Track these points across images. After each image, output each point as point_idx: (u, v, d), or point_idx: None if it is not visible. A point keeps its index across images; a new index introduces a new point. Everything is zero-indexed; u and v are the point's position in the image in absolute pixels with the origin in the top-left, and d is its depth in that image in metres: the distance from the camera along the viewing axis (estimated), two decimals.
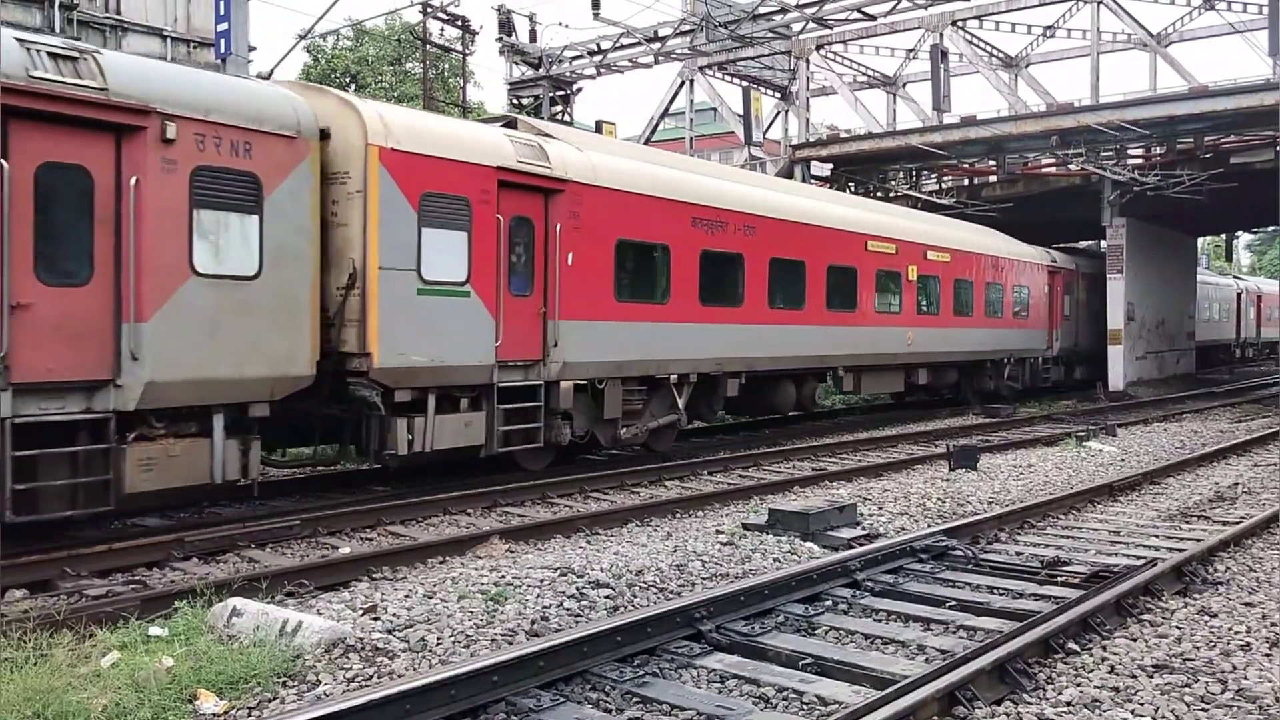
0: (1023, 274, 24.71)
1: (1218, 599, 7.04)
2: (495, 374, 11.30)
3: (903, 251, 19.36)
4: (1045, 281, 25.98)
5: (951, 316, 21.27)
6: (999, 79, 28.96)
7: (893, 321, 19.19)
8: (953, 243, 21.63)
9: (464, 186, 10.90)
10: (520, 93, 31.77)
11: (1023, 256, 24.97)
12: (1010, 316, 24.02)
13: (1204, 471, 13.52)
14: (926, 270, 20.25)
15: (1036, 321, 25.48)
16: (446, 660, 5.69)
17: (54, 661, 5.41)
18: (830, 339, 17.29)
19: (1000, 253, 23.78)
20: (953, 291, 21.29)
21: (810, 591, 7.02)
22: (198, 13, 22.40)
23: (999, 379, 23.94)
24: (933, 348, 20.61)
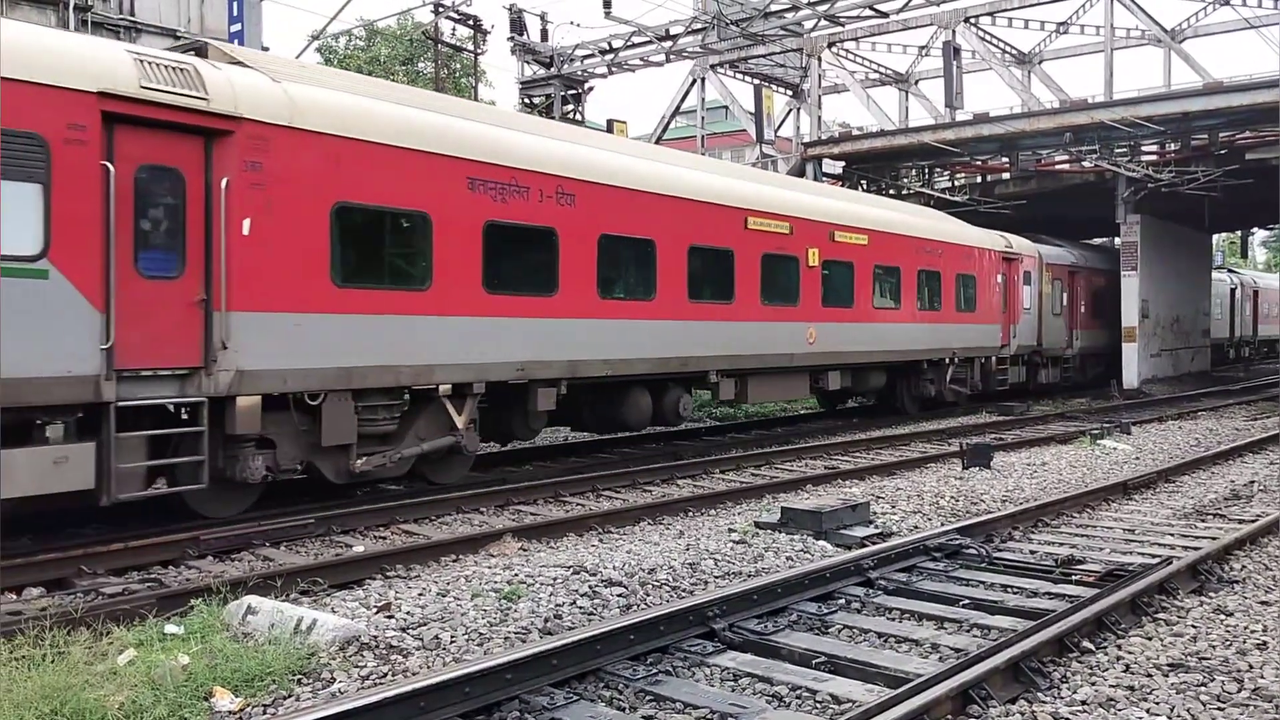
0: (969, 261, 21.59)
1: (1234, 598, 7.00)
2: (108, 389, 8.13)
3: (800, 232, 16.17)
4: (999, 270, 22.97)
5: (872, 310, 18.25)
6: (1012, 76, 28.84)
7: (787, 316, 16.01)
8: (872, 223, 18.50)
9: (33, 118, 7.72)
10: (532, 92, 31.82)
11: (968, 241, 21.90)
12: (953, 310, 20.91)
13: (1219, 469, 13.44)
14: (835, 254, 17.13)
15: (987, 315, 22.37)
16: (460, 658, 5.70)
17: (71, 659, 5.44)
18: (694, 336, 14.18)
19: (938, 235, 20.61)
20: (872, 280, 18.23)
21: (823, 590, 7.01)
22: (211, 13, 22.47)
23: (941, 382, 20.98)
24: (846, 346, 17.59)
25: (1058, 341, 26.63)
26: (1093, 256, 30.09)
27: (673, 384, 14.50)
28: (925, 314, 20.04)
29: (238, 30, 19.67)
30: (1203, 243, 36.98)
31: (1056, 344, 26.56)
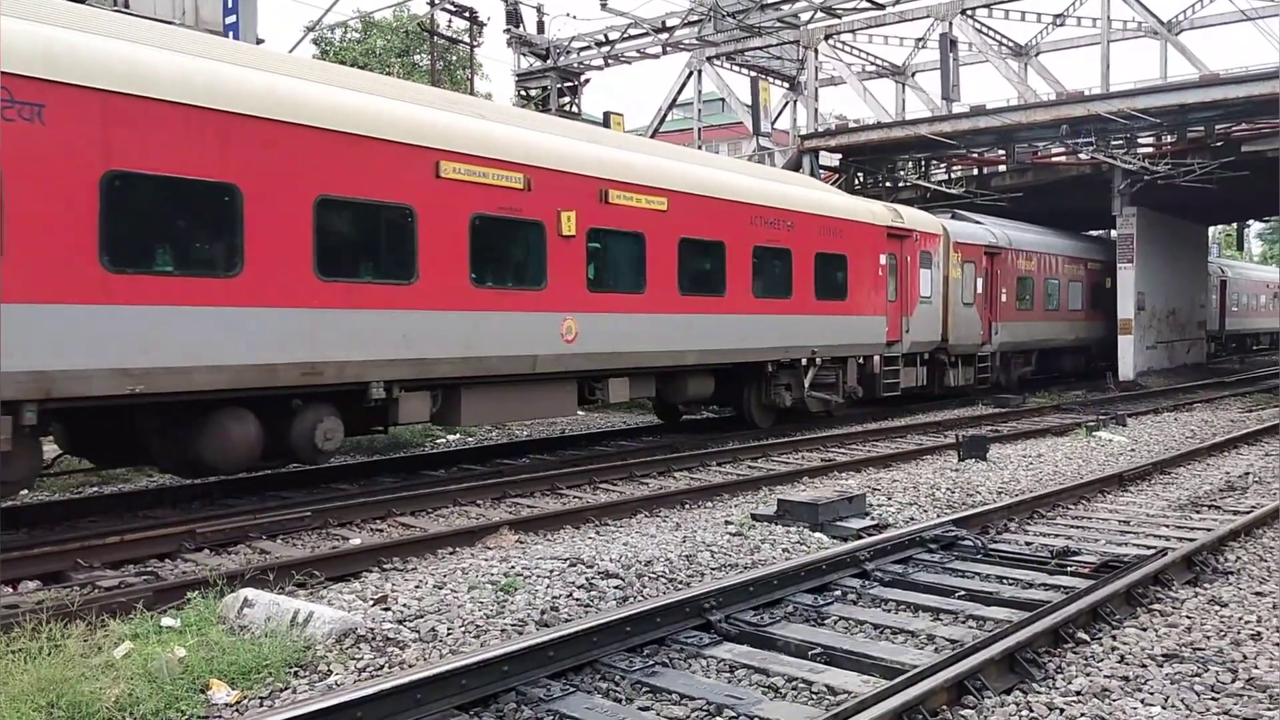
0: (835, 237, 17.50)
1: (1228, 588, 7.02)
2: None
3: (544, 188, 11.88)
4: (884, 249, 18.89)
5: (678, 297, 13.98)
6: (1008, 68, 28.83)
7: (523, 303, 11.80)
8: (676, 182, 14.02)
9: None
10: (528, 84, 31.78)
11: (832, 211, 17.70)
12: (810, 298, 16.82)
13: (1215, 461, 13.47)
14: (611, 222, 12.91)
15: (865, 305, 18.34)
16: (457, 650, 5.71)
17: (67, 652, 5.44)
18: (330, 332, 9.73)
19: (786, 203, 16.35)
20: (678, 258, 13.98)
21: (819, 582, 7.02)
22: (206, 5, 22.37)
23: (798, 388, 16.95)
24: (634, 345, 13.35)
25: (969, 336, 22.66)
26: (1028, 235, 26.40)
27: (304, 403, 9.94)
28: (766, 303, 15.77)
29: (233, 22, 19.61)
30: (1199, 235, 37.00)
31: (968, 339, 22.57)
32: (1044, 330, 26.76)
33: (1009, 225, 25.89)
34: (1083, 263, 29.26)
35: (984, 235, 23.71)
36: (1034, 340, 26.30)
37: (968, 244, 22.79)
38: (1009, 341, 24.75)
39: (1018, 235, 25.59)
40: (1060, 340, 27.99)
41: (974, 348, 23.06)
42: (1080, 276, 28.96)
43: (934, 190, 27.91)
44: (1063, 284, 27.66)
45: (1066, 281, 27.94)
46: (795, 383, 16.95)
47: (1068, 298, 28.03)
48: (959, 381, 22.64)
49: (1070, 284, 28.23)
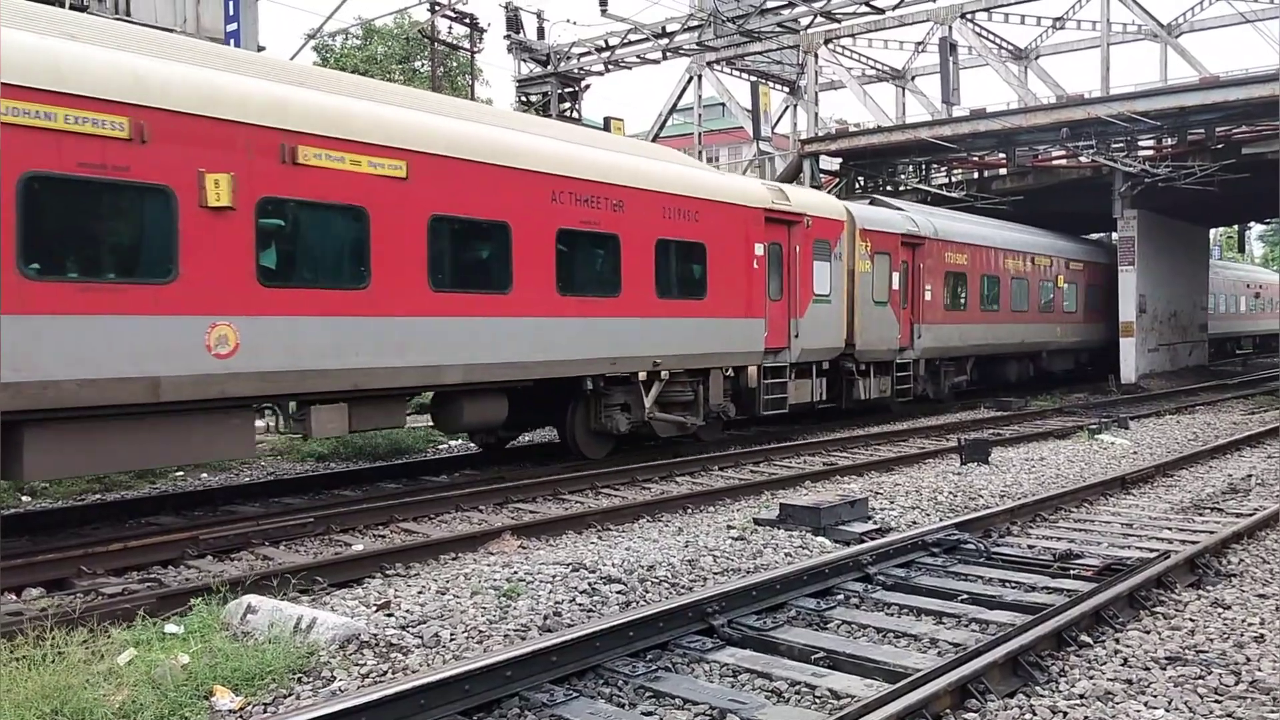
0: (689, 221, 14.09)
1: (1231, 591, 7.02)
2: None
3: (168, 138, 8.51)
4: (761, 237, 15.49)
5: (429, 293, 10.74)
6: (1008, 71, 28.86)
7: (131, 303, 8.36)
8: (423, 140, 10.69)
9: None
10: (528, 90, 31.83)
11: (685, 189, 14.12)
12: (649, 297, 13.49)
13: (1217, 464, 13.46)
14: (298, 191, 9.54)
15: (735, 305, 14.95)
16: (460, 656, 5.71)
17: (70, 659, 5.45)
18: None
19: (611, 176, 12.90)
20: (427, 242, 10.68)
21: (822, 586, 7.02)
22: (207, 12, 22.43)
23: (639, 408, 13.72)
24: (353, 360, 10.00)
25: (883, 340, 19.34)
26: (960, 225, 23.12)
27: None
28: (581, 302, 12.52)
29: (234, 30, 19.65)
30: (1200, 237, 37.00)
31: (881, 344, 19.26)
32: (981, 334, 23.10)
33: (939, 214, 23.02)
34: (1054, 260, 26.98)
35: (901, 223, 20.24)
36: (969, 345, 22.72)
37: (880, 232, 19.34)
38: (936, 347, 21.29)
39: (947, 225, 22.28)
40: (1006, 346, 24.53)
41: (890, 354, 19.67)
42: (1049, 275, 26.65)
43: (934, 194, 27.93)
44: (1008, 281, 24.35)
45: (1016, 279, 24.75)
46: (634, 402, 13.67)
47: (1016, 297, 24.74)
48: (871, 394, 19.08)
49: (1026, 282, 25.22)
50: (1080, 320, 28.70)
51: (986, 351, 23.88)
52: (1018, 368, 25.98)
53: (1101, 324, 29.57)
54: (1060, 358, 28.17)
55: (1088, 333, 29.26)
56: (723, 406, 15.30)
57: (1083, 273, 28.85)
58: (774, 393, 16.18)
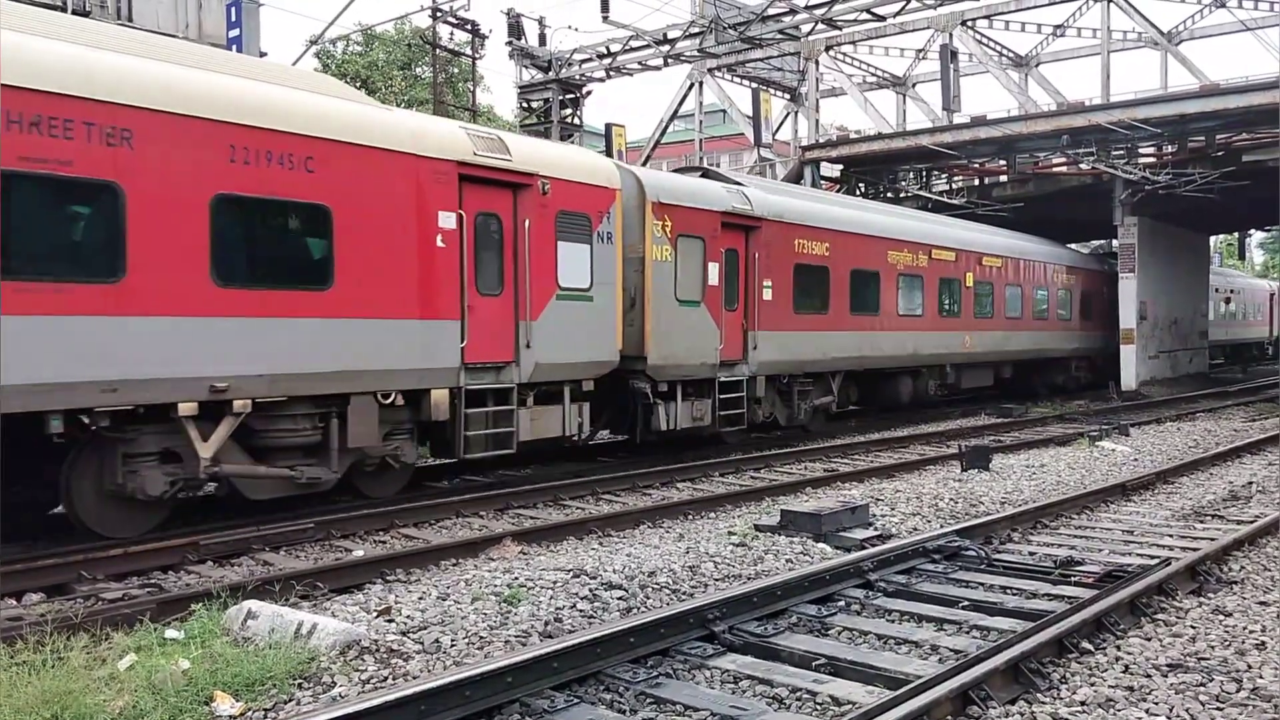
0: (291, 170, 9.59)
1: (1232, 598, 7.01)
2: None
3: None
4: (444, 203, 10.99)
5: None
6: (1009, 78, 28.88)
7: None
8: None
9: None
10: (530, 96, 31.87)
11: (285, 121, 9.54)
12: (204, 289, 9.02)
13: (1218, 470, 13.46)
14: None
15: (382, 300, 10.46)
16: (461, 662, 5.71)
17: (71, 664, 5.45)
18: None
19: (57, 85, 7.95)
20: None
21: (823, 592, 7.02)
22: (209, 18, 22.50)
23: (193, 459, 9.19)
24: None
25: (694, 353, 14.71)
26: (818, 206, 18.42)
27: None
28: (30, 291, 7.92)
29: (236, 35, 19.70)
30: (1200, 245, 37.02)
31: (691, 357, 14.66)
32: (851, 344, 18.37)
33: (790, 191, 19.06)
34: (967, 257, 22.48)
35: (720, 198, 15.23)
36: (833, 358, 17.85)
37: (686, 209, 14.51)
38: (781, 360, 16.42)
39: (799, 205, 17.36)
40: (891, 358, 19.72)
41: (707, 370, 14.92)
42: (957, 273, 22.05)
43: (935, 200, 27.96)
44: (892, 279, 19.69)
45: (906, 276, 20.14)
46: (187, 450, 9.13)
47: (905, 298, 20.15)
48: (678, 422, 14.44)
49: (919, 280, 20.68)
50: (1018, 327, 24.65)
51: (862, 365, 18.86)
52: (912, 384, 20.85)
53: (1065, 332, 27.21)
54: (974, 372, 23.35)
55: (1035, 341, 25.59)
56: (386, 449, 10.79)
57: (1028, 273, 25.24)
58: (492, 425, 11.68)
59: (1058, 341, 27.08)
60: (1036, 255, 26.20)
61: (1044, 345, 26.32)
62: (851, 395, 19.48)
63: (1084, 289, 28.49)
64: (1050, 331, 26.69)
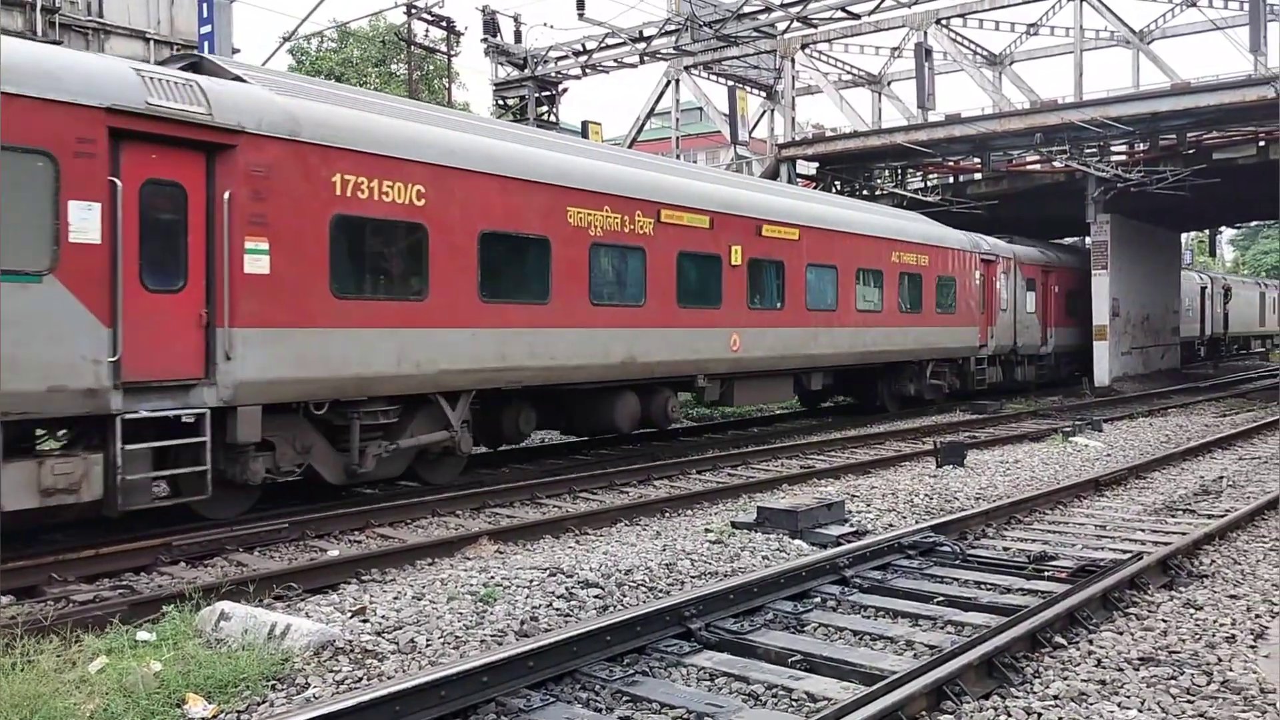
0: None
1: (1203, 592, 7.09)
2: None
3: None
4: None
5: None
6: (983, 77, 29.06)
7: None
8: None
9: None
10: (506, 93, 31.77)
11: None
12: None
13: (1189, 465, 13.59)
14: None
15: None
16: (436, 661, 5.69)
17: (41, 667, 5.38)
18: None
19: None
20: None
21: (799, 589, 7.03)
22: (181, 15, 22.29)
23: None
24: None
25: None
26: (407, 127, 11.31)
27: None
28: None
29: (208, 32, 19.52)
30: (1172, 241, 37.38)
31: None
32: (485, 348, 11.83)
33: (321, 90, 11.53)
34: (745, 227, 16.09)
35: (97, 82, 8.51)
36: (441, 370, 11.32)
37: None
38: (300, 379, 9.96)
39: (345, 116, 10.66)
40: (601, 367, 13.43)
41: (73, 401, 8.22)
42: (707, 247, 15.29)
43: (910, 198, 28.08)
44: (581, 246, 13.09)
45: (604, 246, 13.46)
46: None
47: (601, 279, 13.50)
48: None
49: (641, 253, 14.11)
50: (832, 322, 18.32)
51: (513, 379, 12.20)
52: (639, 404, 14.49)
53: (914, 328, 20.97)
54: (758, 384, 17.05)
55: (860, 341, 19.17)
56: None
57: (850, 251, 18.82)
58: None
59: (902, 340, 20.62)
60: (866, 227, 19.68)
61: (878, 346, 19.81)
62: (523, 423, 13.27)
63: (948, 274, 22.33)
64: (889, 328, 20.16)
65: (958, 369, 23.55)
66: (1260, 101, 21.39)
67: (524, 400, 13.21)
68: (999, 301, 25.10)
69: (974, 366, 24.02)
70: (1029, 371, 27.37)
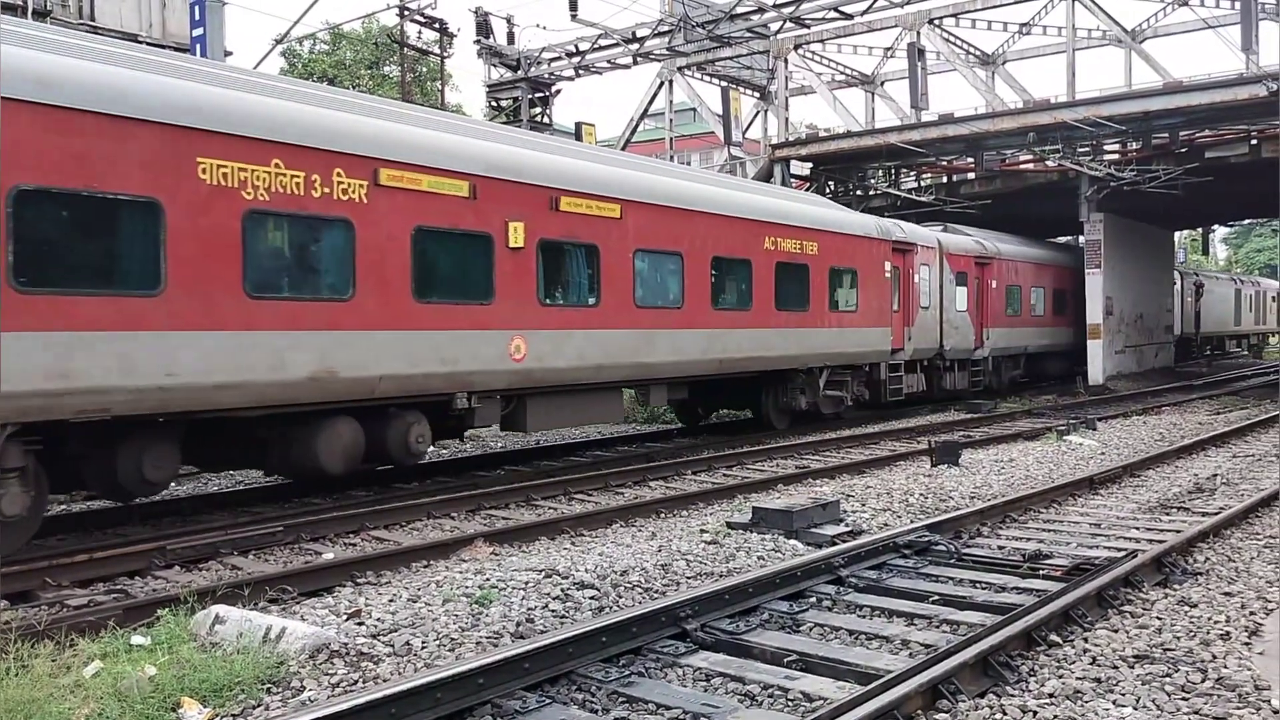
0: None
1: (1197, 589, 7.10)
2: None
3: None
4: None
5: None
6: (976, 76, 29.10)
7: None
8: None
9: None
10: (499, 95, 31.77)
11: None
12: None
13: (1183, 463, 13.62)
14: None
15: None
16: (432, 664, 5.68)
17: (35, 672, 5.37)
18: None
19: None
20: None
21: (794, 589, 7.04)
22: (173, 18, 22.29)
23: None
24: None
25: None
26: None
27: None
28: None
29: (199, 35, 19.49)
30: (1165, 240, 37.47)
31: None
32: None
33: None
34: (535, 200, 12.32)
35: None
36: None
37: None
38: None
39: None
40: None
41: None
42: (470, 223, 11.61)
43: (904, 198, 28.11)
44: (202, 223, 9.11)
45: (286, 219, 9.89)
46: None
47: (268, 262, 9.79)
48: None
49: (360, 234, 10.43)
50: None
51: (61, 411, 8.21)
52: (327, 440, 10.52)
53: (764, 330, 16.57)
54: (550, 406, 13.10)
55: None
56: None
57: (667, 229, 14.44)
58: None
59: (782, 345, 16.97)
60: (725, 206, 15.73)
61: (746, 351, 16.05)
62: (150, 468, 9.30)
63: (845, 265, 18.71)
64: (761, 330, 16.44)
65: (866, 377, 19.98)
66: (1252, 100, 21.45)
67: (153, 434, 9.27)
68: (918, 297, 21.63)
69: (887, 374, 20.37)
70: (960, 378, 23.98)
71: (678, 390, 15.64)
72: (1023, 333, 27.07)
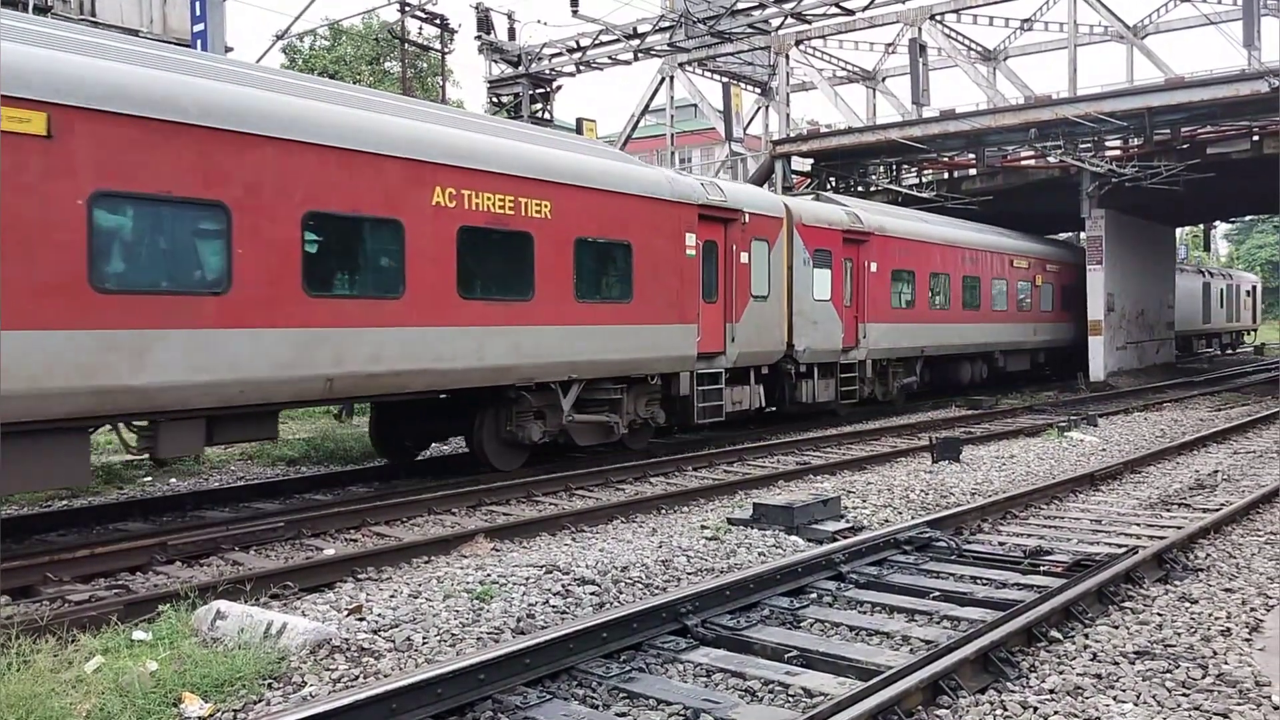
0: None
1: (1198, 585, 7.10)
2: None
3: None
4: None
5: None
6: (977, 72, 29.09)
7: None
8: None
9: None
10: (500, 91, 31.76)
11: None
12: None
13: (1184, 460, 13.62)
14: None
15: None
16: (433, 659, 5.68)
17: (37, 668, 5.37)
18: None
19: None
20: None
21: (795, 585, 7.04)
22: (173, 13, 22.26)
23: None
24: None
25: None
26: None
27: None
28: None
29: (200, 30, 19.46)
30: (1167, 236, 37.43)
31: None
32: None
33: None
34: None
35: None
36: None
37: None
38: None
39: None
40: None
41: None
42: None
43: (905, 194, 28.10)
44: None
45: None
46: None
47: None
48: None
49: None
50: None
51: None
52: None
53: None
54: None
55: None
56: None
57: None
58: None
59: (476, 352, 11.56)
60: (336, 135, 10.06)
61: (392, 364, 10.67)
62: None
63: (614, 239, 13.46)
64: (441, 329, 11.23)
65: (660, 393, 14.60)
66: (1254, 96, 21.45)
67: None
68: (746, 284, 15.99)
69: (694, 387, 14.90)
70: (822, 388, 18.29)
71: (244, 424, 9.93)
72: (921, 330, 21.74)
